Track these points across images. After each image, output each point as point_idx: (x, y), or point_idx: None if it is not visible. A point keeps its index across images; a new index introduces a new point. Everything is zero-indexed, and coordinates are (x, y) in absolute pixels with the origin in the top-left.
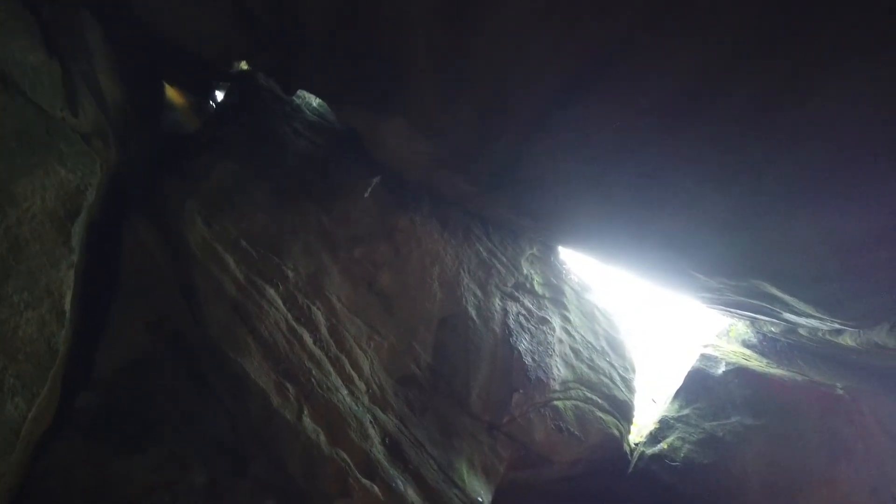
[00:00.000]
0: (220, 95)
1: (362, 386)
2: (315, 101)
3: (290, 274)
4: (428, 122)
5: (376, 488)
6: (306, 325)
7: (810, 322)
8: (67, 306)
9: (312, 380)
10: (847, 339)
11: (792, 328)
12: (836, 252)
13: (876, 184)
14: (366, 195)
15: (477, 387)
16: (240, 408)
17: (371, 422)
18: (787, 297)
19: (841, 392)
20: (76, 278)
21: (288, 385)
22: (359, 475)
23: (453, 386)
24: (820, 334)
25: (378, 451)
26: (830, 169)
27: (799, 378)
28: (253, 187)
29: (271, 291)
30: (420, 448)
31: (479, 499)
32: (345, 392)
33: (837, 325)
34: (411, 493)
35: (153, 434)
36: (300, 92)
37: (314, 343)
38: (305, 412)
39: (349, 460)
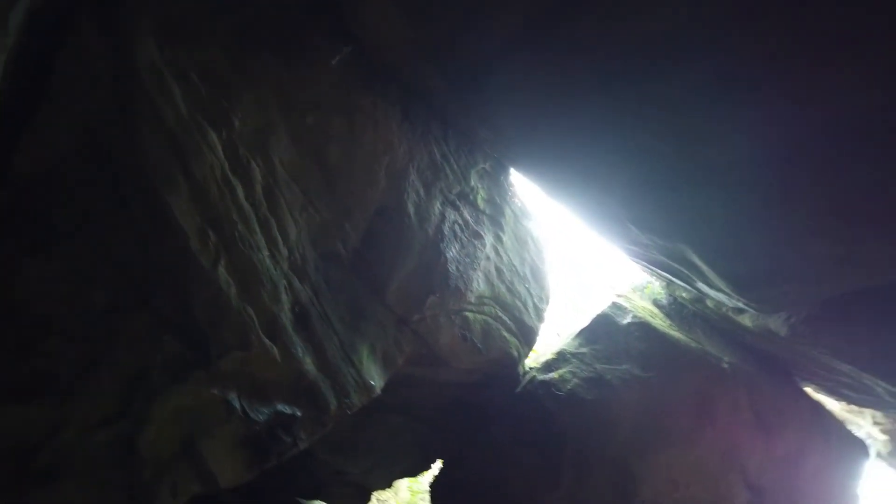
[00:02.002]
0: None
1: (285, 252)
2: None
3: (237, 122)
4: (412, 5)
5: (276, 350)
6: (242, 179)
7: (718, 296)
8: None
9: (236, 233)
10: (745, 320)
11: (701, 298)
12: (767, 235)
13: (826, 174)
14: (333, 62)
15: (397, 281)
16: (156, 241)
17: (285, 287)
18: (705, 268)
19: (726, 366)
20: (6, 67)
21: (210, 232)
22: (262, 334)
23: (374, 274)
24: (724, 309)
25: (286, 316)
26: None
27: (693, 345)
28: (216, 20)
29: (213, 135)
30: (327, 323)
31: (372, 382)
32: (266, 253)
33: (741, 305)
34: (308, 362)
35: (62, 244)
36: None
37: (246, 198)
38: (222, 262)
39: (255, 318)
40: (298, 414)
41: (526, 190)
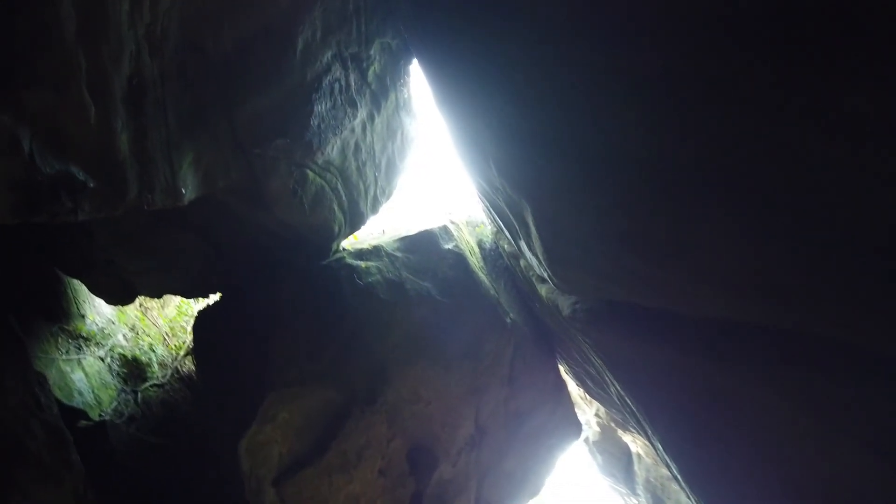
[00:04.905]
0: None
1: (147, 17)
2: None
3: None
4: None
5: (94, 110)
6: None
7: (532, 261)
8: None
9: None
10: (543, 290)
11: (518, 256)
12: (585, 225)
13: (642, 195)
14: None
15: (253, 106)
16: None
17: (132, 54)
18: (533, 231)
19: (508, 321)
20: None
21: None
22: (85, 87)
23: (233, 89)
24: (530, 273)
25: (120, 84)
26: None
27: (491, 292)
28: None
29: None
30: (161, 112)
31: (184, 190)
32: (126, 8)
33: (546, 276)
34: (124, 140)
35: None
36: None
37: None
38: None
39: (84, 67)
40: (91, 185)
41: (418, 89)
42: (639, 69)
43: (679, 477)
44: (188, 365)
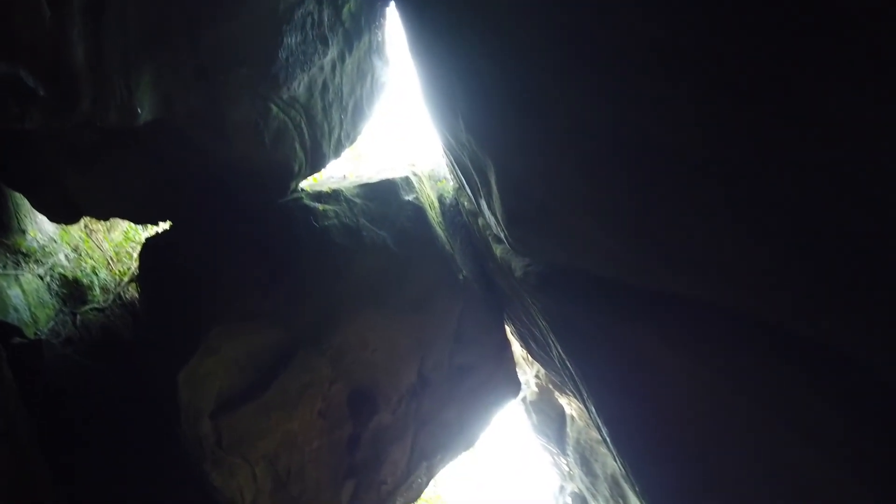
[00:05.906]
0: None
1: None
2: None
3: None
4: None
5: (49, 15)
6: None
7: (491, 220)
8: None
9: None
10: (497, 250)
11: (477, 214)
12: (547, 192)
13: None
14: None
15: (220, 31)
16: None
17: None
18: (495, 190)
19: (461, 278)
20: None
21: None
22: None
23: (199, 9)
24: (487, 233)
25: (78, 3)
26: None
27: (447, 248)
28: None
29: None
30: (122, 28)
31: (140, 110)
32: None
33: (502, 236)
34: (80, 52)
35: None
36: None
37: None
38: None
39: None
40: (41, 93)
41: (393, 34)
42: (616, 42)
43: (608, 440)
44: (132, 292)
